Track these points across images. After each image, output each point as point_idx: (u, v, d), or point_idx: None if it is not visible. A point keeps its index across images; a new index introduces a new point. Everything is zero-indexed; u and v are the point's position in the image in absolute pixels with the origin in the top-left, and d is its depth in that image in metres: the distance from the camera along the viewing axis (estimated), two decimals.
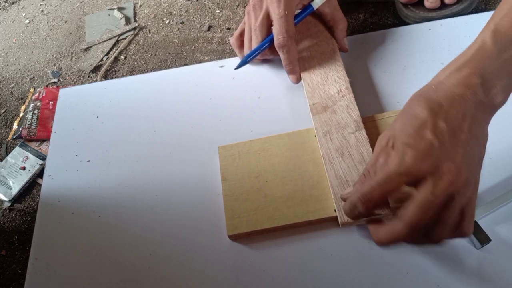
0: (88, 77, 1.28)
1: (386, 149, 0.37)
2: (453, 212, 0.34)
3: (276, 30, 0.50)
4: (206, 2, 1.41)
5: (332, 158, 0.45)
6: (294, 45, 0.51)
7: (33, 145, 1.18)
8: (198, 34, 1.29)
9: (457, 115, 0.35)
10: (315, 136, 0.48)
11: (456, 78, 0.36)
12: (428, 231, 0.35)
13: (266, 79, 0.57)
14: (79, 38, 1.39)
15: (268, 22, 0.51)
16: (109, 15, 1.42)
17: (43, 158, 1.14)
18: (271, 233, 0.45)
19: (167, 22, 1.35)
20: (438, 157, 0.34)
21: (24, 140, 1.18)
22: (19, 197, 1.10)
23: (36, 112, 1.21)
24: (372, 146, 0.42)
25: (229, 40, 1.30)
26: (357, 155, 0.45)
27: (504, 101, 0.37)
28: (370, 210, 0.37)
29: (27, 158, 1.15)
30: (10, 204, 1.09)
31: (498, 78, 0.36)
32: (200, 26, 1.31)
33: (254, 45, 0.53)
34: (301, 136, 0.49)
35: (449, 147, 0.34)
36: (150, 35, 1.33)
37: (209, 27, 1.31)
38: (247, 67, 0.57)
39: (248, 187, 0.47)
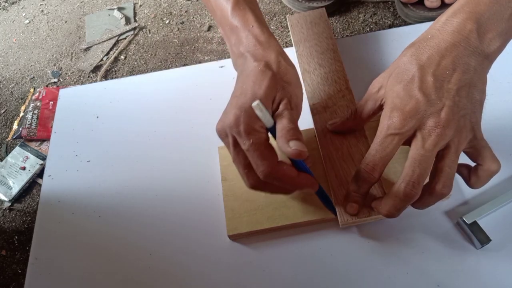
0: (88, 77, 1.28)
1: (374, 96, 0.40)
2: (450, 159, 0.35)
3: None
4: None
5: (332, 158, 0.45)
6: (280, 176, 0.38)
7: (33, 145, 1.18)
8: (198, 34, 1.29)
9: (447, 66, 0.36)
10: (315, 136, 0.48)
11: (451, 25, 0.37)
12: (431, 185, 0.36)
13: None
14: (79, 38, 1.39)
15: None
16: (109, 15, 1.42)
17: (43, 158, 1.14)
18: (271, 233, 0.45)
19: (167, 22, 1.36)
20: (425, 112, 0.35)
21: (24, 140, 1.18)
22: (19, 197, 1.10)
23: (36, 112, 1.21)
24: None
25: None
26: (357, 155, 0.45)
27: (501, 48, 0.37)
28: (378, 177, 0.38)
29: (27, 158, 1.15)
30: (10, 204, 1.09)
31: (494, 23, 0.36)
32: (200, 26, 1.32)
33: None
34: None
35: (435, 101, 0.35)
36: (150, 35, 1.33)
37: (209, 27, 1.31)
38: None
39: None
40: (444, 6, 0.97)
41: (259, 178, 0.37)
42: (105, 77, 1.28)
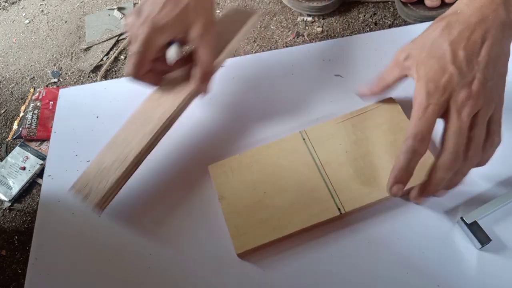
0: (88, 77, 1.28)
1: (401, 64, 0.43)
2: (480, 128, 0.38)
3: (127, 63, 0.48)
4: None
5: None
6: (144, 78, 0.50)
7: (33, 145, 1.18)
8: None
9: (477, 40, 0.38)
10: (303, 139, 0.48)
11: (479, 0, 0.39)
12: (466, 154, 0.39)
13: (267, 79, 0.57)
14: (79, 38, 1.39)
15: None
16: (109, 15, 1.42)
17: (43, 158, 1.14)
18: (279, 244, 0.44)
19: None
20: (457, 85, 0.38)
21: (24, 140, 1.18)
22: (19, 197, 1.10)
23: (36, 112, 1.21)
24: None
25: None
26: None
27: None
28: (426, 148, 0.39)
29: (27, 158, 1.15)
30: (10, 204, 1.09)
31: None
32: None
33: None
34: (289, 142, 0.49)
35: (466, 73, 0.38)
36: None
37: None
38: (247, 70, 0.58)
39: (248, 201, 0.46)
40: (444, 5, 0.97)
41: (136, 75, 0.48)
42: (105, 77, 1.28)
